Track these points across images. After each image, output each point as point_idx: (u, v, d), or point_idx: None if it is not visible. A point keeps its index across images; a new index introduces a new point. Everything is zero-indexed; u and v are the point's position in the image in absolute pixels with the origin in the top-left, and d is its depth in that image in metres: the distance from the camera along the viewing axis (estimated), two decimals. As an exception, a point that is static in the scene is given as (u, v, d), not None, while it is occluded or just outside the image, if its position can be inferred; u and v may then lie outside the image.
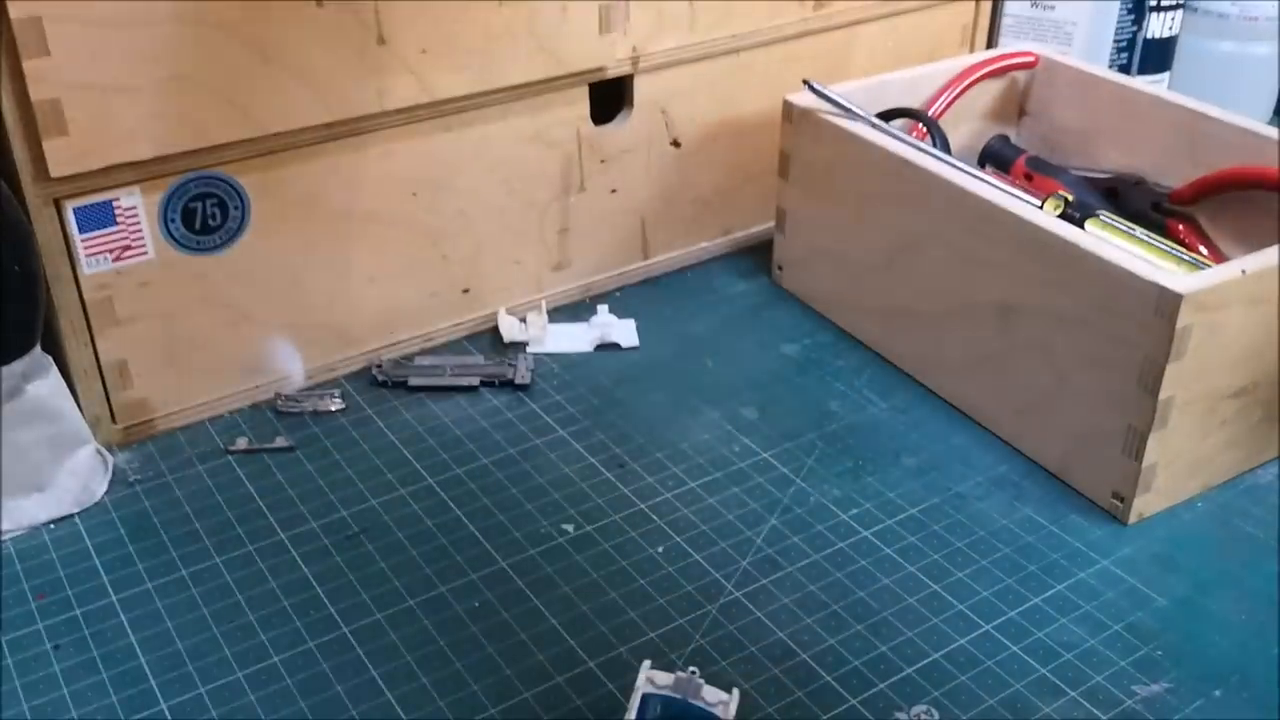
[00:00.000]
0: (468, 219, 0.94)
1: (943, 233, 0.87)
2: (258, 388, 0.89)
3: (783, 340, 0.98)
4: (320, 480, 0.82)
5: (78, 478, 0.79)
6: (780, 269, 1.05)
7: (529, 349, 0.96)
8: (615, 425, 0.88)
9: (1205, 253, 0.91)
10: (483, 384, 0.92)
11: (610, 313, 1.00)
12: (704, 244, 1.08)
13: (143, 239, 0.80)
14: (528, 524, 0.78)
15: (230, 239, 0.84)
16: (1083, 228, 0.84)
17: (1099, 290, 0.76)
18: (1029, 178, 1.00)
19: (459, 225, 0.93)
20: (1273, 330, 0.77)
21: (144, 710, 0.65)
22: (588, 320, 0.99)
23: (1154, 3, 1.16)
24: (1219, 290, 0.73)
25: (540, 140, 0.94)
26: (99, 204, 0.78)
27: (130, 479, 0.82)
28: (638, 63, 0.96)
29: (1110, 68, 1.17)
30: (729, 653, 0.69)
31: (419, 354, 0.95)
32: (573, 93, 0.94)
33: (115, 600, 0.72)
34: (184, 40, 0.76)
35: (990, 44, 1.18)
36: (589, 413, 0.89)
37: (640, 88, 0.98)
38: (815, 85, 0.95)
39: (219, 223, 0.83)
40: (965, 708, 0.65)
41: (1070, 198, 0.87)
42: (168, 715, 0.65)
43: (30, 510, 0.78)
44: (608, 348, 0.97)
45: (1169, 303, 0.72)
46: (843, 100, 0.94)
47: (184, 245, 0.82)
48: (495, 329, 0.97)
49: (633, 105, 0.98)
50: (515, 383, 0.91)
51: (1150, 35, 1.17)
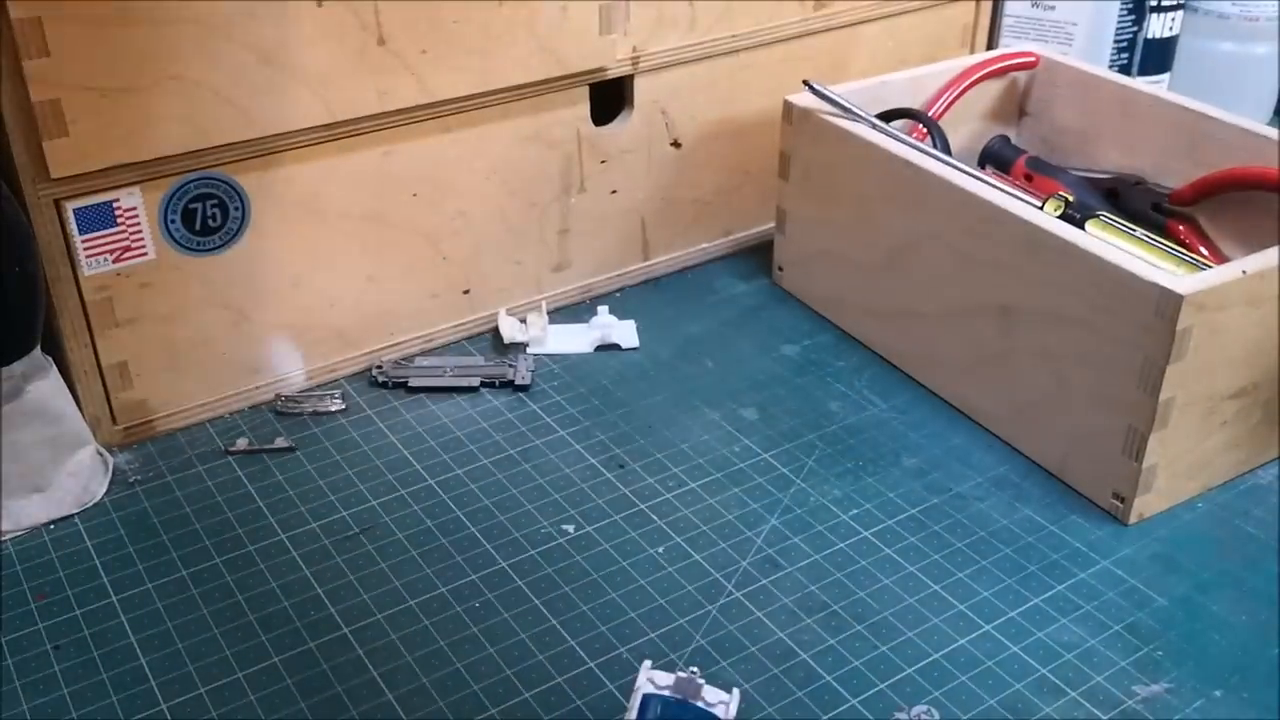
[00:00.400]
0: (468, 219, 0.94)
1: (943, 233, 0.87)
2: (258, 388, 0.89)
3: (783, 341, 0.98)
4: (320, 481, 0.82)
5: (78, 478, 0.79)
6: (780, 269, 1.05)
7: (529, 350, 0.96)
8: (615, 426, 0.88)
9: (1205, 253, 0.91)
10: (483, 385, 0.92)
11: (610, 313, 0.99)
12: (704, 245, 1.08)
13: (143, 240, 0.80)
14: (528, 524, 0.78)
15: (230, 239, 0.84)
16: (1083, 228, 0.84)
17: (1099, 291, 0.76)
18: (1029, 178, 1.00)
19: (459, 226, 0.93)
20: (1273, 331, 0.77)
21: (144, 710, 0.65)
22: (588, 321, 0.99)
23: (1154, 3, 1.16)
24: (1219, 291, 0.73)
25: (540, 141, 0.94)
26: (99, 204, 0.78)
27: (130, 480, 0.82)
28: (638, 63, 0.96)
29: (1110, 68, 1.17)
30: (729, 653, 0.69)
31: (419, 355, 0.95)
32: (573, 93, 0.94)
33: (115, 601, 0.72)
34: (184, 40, 0.76)
35: (990, 44, 1.18)
36: (589, 413, 0.89)
37: (640, 88, 0.98)
38: (815, 85, 0.95)
39: (219, 223, 0.83)
40: (965, 708, 0.65)
41: (1070, 198, 0.87)
42: (168, 715, 0.65)
43: (30, 511, 0.78)
44: (608, 348, 0.97)
45: (1169, 303, 0.72)
46: (843, 101, 0.94)
47: (184, 246, 0.82)
48: (495, 330, 0.97)
49: (633, 105, 0.98)
50: (515, 383, 0.91)
51: (1150, 35, 1.17)
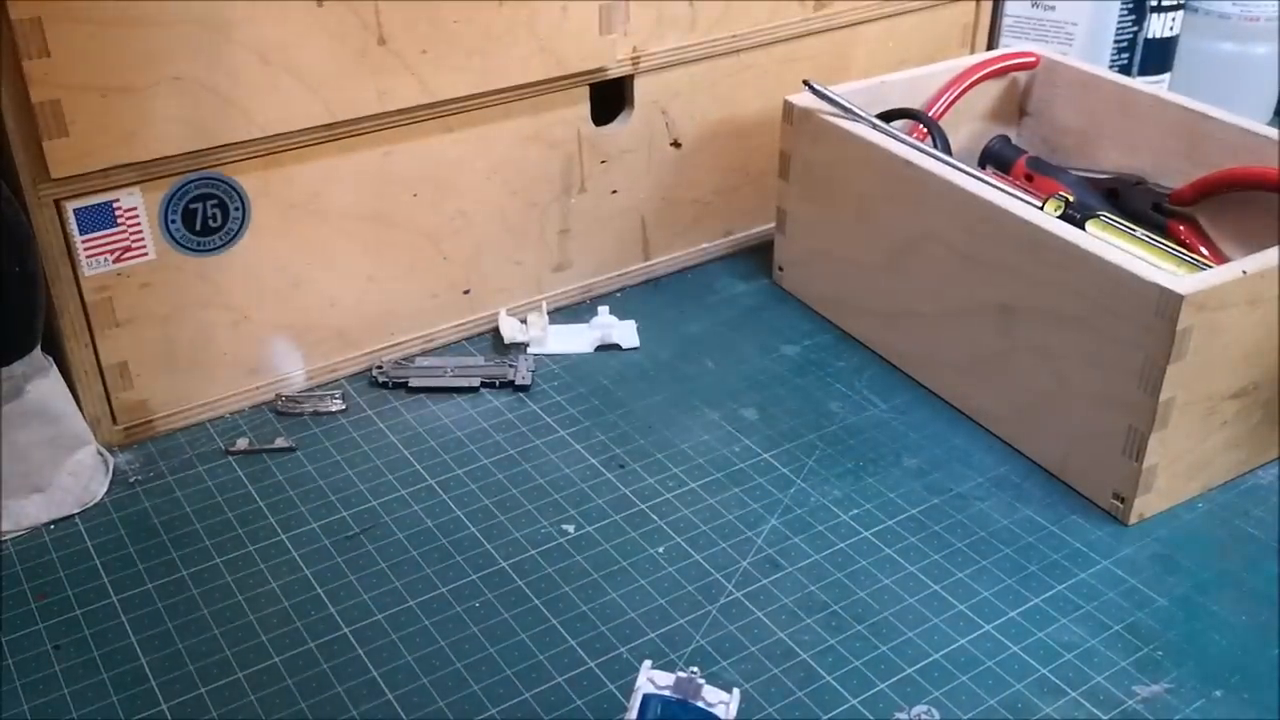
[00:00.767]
0: (468, 219, 0.94)
1: (943, 233, 0.87)
2: (258, 388, 0.89)
3: (783, 341, 0.98)
4: (320, 481, 0.82)
5: (78, 478, 0.79)
6: (781, 269, 1.05)
7: (529, 350, 0.96)
8: (616, 426, 0.88)
9: (1206, 253, 0.91)
10: (483, 385, 0.92)
11: (611, 314, 0.99)
12: (704, 245, 1.08)
13: (143, 240, 0.80)
14: (528, 524, 0.78)
15: (230, 239, 0.84)
16: (1083, 228, 0.84)
17: (1099, 291, 0.76)
18: (1029, 178, 1.00)
19: (459, 226, 0.93)
20: (1273, 331, 0.77)
21: (144, 711, 0.65)
22: (588, 321, 0.99)
23: (1154, 3, 1.16)
24: (1219, 291, 0.73)
25: (541, 141, 0.94)
26: (99, 205, 0.78)
27: (131, 479, 0.82)
28: (638, 63, 0.96)
29: (1111, 68, 1.17)
30: (729, 653, 0.69)
31: (419, 355, 0.95)
32: (573, 93, 0.94)
33: (116, 601, 0.72)
34: (184, 40, 0.76)
35: (991, 44, 1.18)
36: (589, 413, 0.89)
37: (641, 88, 0.98)
38: (815, 86, 0.95)
39: (219, 223, 0.83)
40: (965, 708, 0.65)
41: (1071, 198, 0.87)
42: (168, 715, 0.65)
43: (31, 511, 0.78)
44: (608, 349, 0.97)
45: (1170, 303, 0.71)
46: (843, 101, 0.94)
47: (184, 246, 0.82)
48: (496, 330, 0.97)
49: (633, 105, 0.98)
50: (516, 383, 0.91)
51: (1151, 35, 1.17)
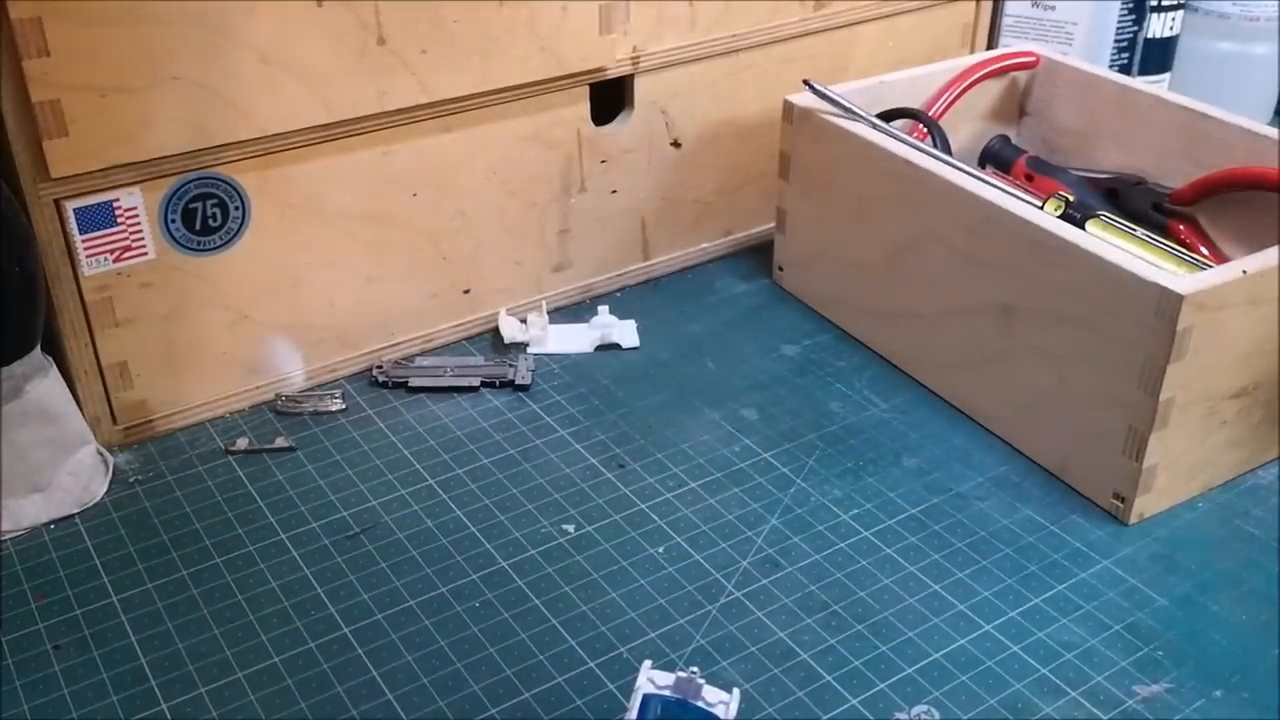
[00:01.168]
0: (468, 219, 0.94)
1: (943, 233, 0.87)
2: (258, 388, 0.89)
3: (783, 341, 0.98)
4: (320, 480, 0.82)
5: (78, 478, 0.79)
6: (781, 269, 1.05)
7: (529, 350, 0.96)
8: (616, 425, 0.88)
9: (1206, 253, 0.91)
10: (483, 384, 0.92)
11: (611, 313, 0.99)
12: (704, 245, 1.08)
13: (143, 239, 0.80)
14: (528, 524, 0.78)
15: (230, 239, 0.84)
16: (1083, 228, 0.84)
17: (1100, 291, 0.76)
18: (1029, 178, 1.00)
19: (459, 226, 0.93)
20: (1273, 330, 0.77)
21: (144, 710, 0.65)
22: (588, 321, 0.99)
23: (1155, 3, 1.16)
24: (1220, 291, 0.73)
25: (540, 140, 0.94)
26: (99, 204, 0.78)
27: (130, 479, 0.82)
28: (638, 63, 0.96)
29: (1111, 68, 1.17)
30: (729, 653, 0.69)
31: (419, 355, 0.95)
32: (573, 93, 0.94)
33: (115, 600, 0.72)
34: (184, 40, 0.76)
35: (991, 44, 1.18)
36: (589, 413, 0.89)
37: (640, 88, 0.98)
38: (815, 85, 0.95)
39: (219, 223, 0.83)
40: (965, 708, 0.65)
41: (1071, 198, 0.87)
42: (168, 715, 0.65)
43: (31, 511, 0.78)
44: (608, 348, 0.97)
45: (1170, 303, 0.71)
46: (843, 100, 0.94)
47: (184, 246, 0.82)
48: (496, 330, 0.97)
49: (633, 105, 0.98)
50: (516, 383, 0.91)
51: (1151, 35, 1.17)
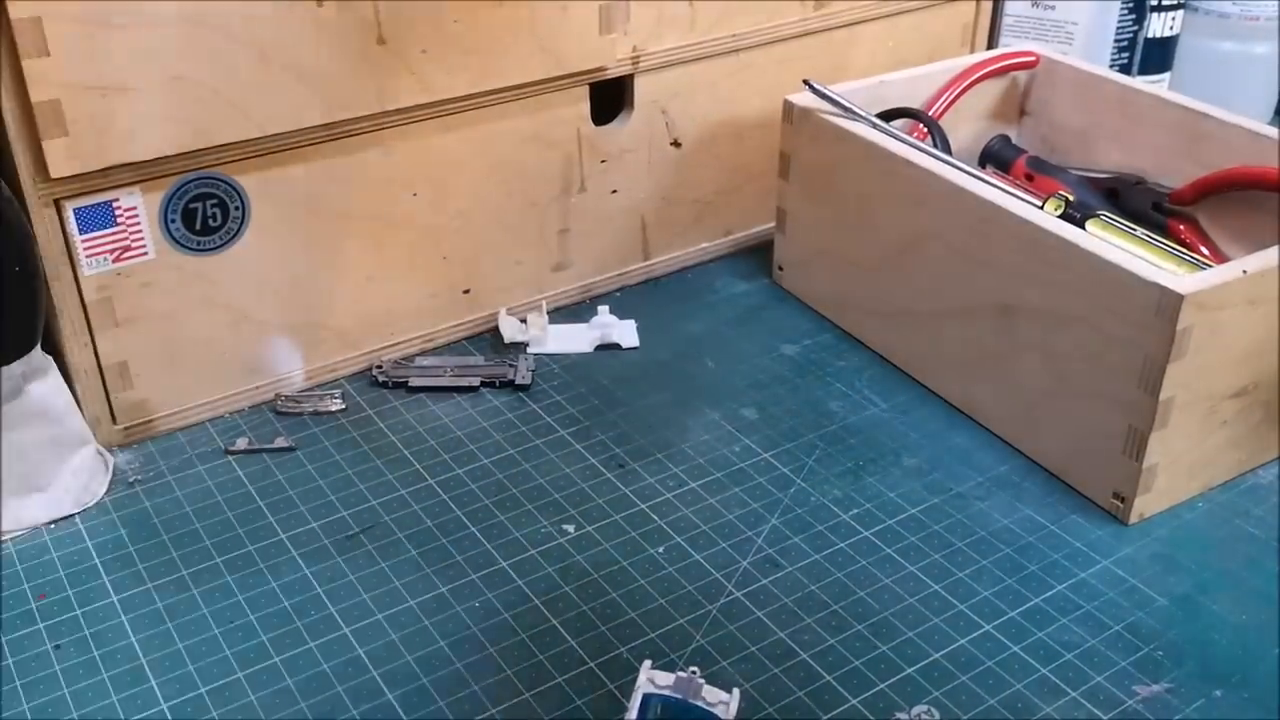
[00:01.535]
0: (468, 219, 0.94)
1: (943, 233, 0.87)
2: (258, 388, 0.89)
3: (783, 340, 0.98)
4: (320, 480, 0.82)
5: (78, 478, 0.79)
6: (780, 269, 1.05)
7: (529, 349, 0.96)
8: (616, 425, 0.88)
9: (1206, 253, 0.91)
10: (483, 384, 0.92)
11: (611, 313, 0.99)
12: (704, 244, 1.08)
13: (143, 239, 0.80)
14: (528, 524, 0.78)
15: (230, 239, 0.84)
16: (1083, 228, 0.84)
17: (1100, 290, 0.76)
18: (1030, 178, 1.00)
19: (459, 225, 0.93)
20: (1273, 330, 0.77)
21: (144, 710, 0.65)
22: (588, 321, 0.99)
23: (1155, 2, 1.16)
24: (1220, 290, 0.73)
25: (540, 140, 0.94)
26: (99, 204, 0.78)
27: (131, 479, 0.82)
28: (638, 62, 0.96)
29: (1111, 68, 1.17)
30: (729, 653, 0.69)
31: (419, 354, 0.95)
32: (573, 92, 0.94)
33: (116, 600, 0.72)
34: (184, 40, 0.76)
35: (991, 44, 1.18)
36: (589, 413, 0.89)
37: (640, 88, 0.98)
38: (815, 85, 0.95)
39: (219, 223, 0.83)
40: (965, 708, 0.65)
41: (1071, 198, 0.87)
42: (168, 715, 0.65)
43: (31, 510, 0.78)
44: (608, 348, 0.97)
45: (1170, 303, 0.71)
46: (843, 100, 0.94)
47: (184, 246, 0.82)
48: (496, 329, 0.97)
49: (633, 105, 0.98)
50: (516, 383, 0.91)
51: (1151, 35, 1.17)
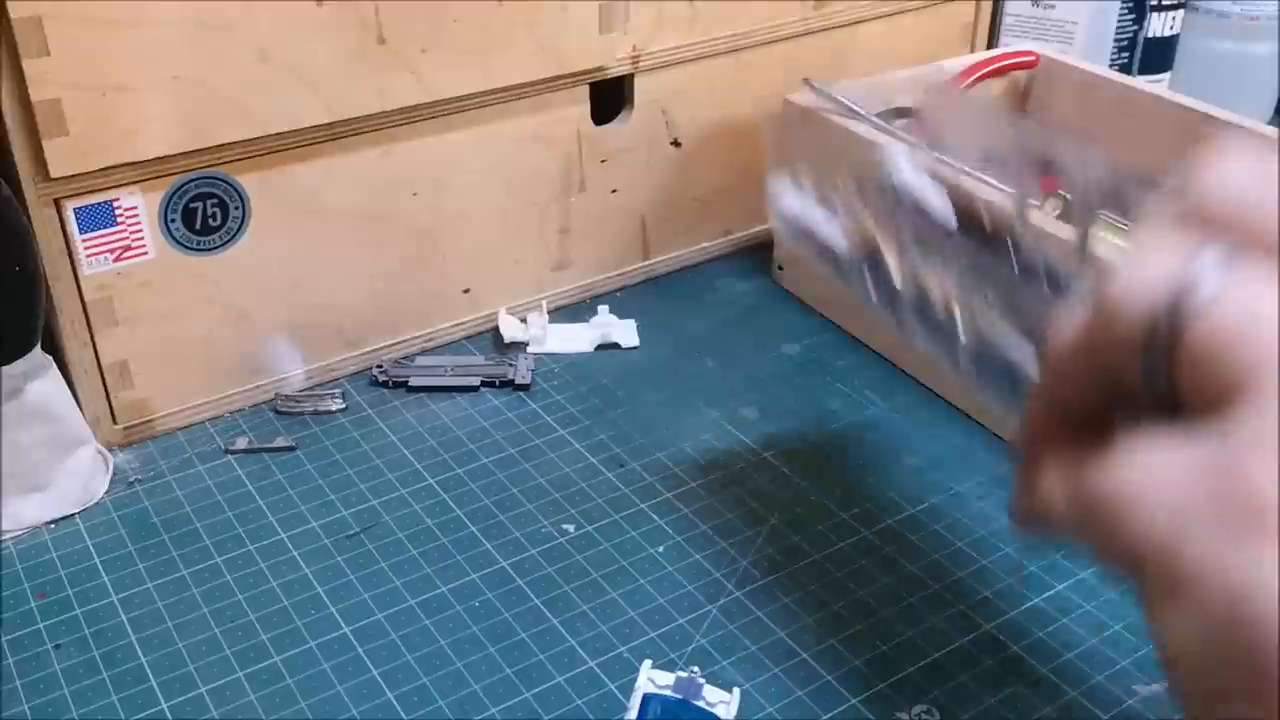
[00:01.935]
0: (468, 219, 0.94)
1: (943, 232, 0.87)
2: (258, 387, 0.89)
3: (783, 340, 0.98)
4: (320, 480, 0.82)
5: (78, 478, 0.79)
6: (781, 269, 1.05)
7: (529, 349, 0.96)
8: (616, 425, 0.88)
9: (1206, 252, 0.91)
10: (483, 384, 0.92)
11: (611, 313, 0.99)
12: (705, 244, 1.08)
13: (143, 239, 0.80)
14: (528, 524, 0.78)
15: (230, 239, 0.84)
16: (1083, 227, 0.84)
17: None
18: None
19: (459, 225, 0.93)
20: (1274, 329, 0.77)
21: (144, 710, 0.65)
22: (588, 320, 0.99)
23: (1155, 2, 1.16)
24: (1220, 289, 0.72)
25: (540, 140, 0.94)
26: (99, 204, 0.78)
27: (131, 479, 0.82)
28: (638, 62, 0.96)
29: (1111, 67, 1.17)
30: (730, 652, 0.69)
31: (419, 354, 0.95)
32: (573, 92, 0.94)
33: (116, 600, 0.72)
34: (184, 40, 0.76)
35: (991, 43, 1.18)
36: (589, 413, 0.89)
37: (641, 87, 0.98)
38: (816, 84, 0.95)
39: (219, 223, 0.83)
40: (965, 707, 0.65)
41: (1070, 197, 0.87)
42: (168, 714, 0.65)
43: (31, 510, 0.78)
44: (608, 348, 0.97)
45: (1170, 302, 0.71)
46: (844, 100, 0.94)
47: (184, 245, 0.82)
48: (496, 329, 0.97)
49: (633, 105, 0.98)
50: (516, 383, 0.91)
51: (1151, 35, 1.17)
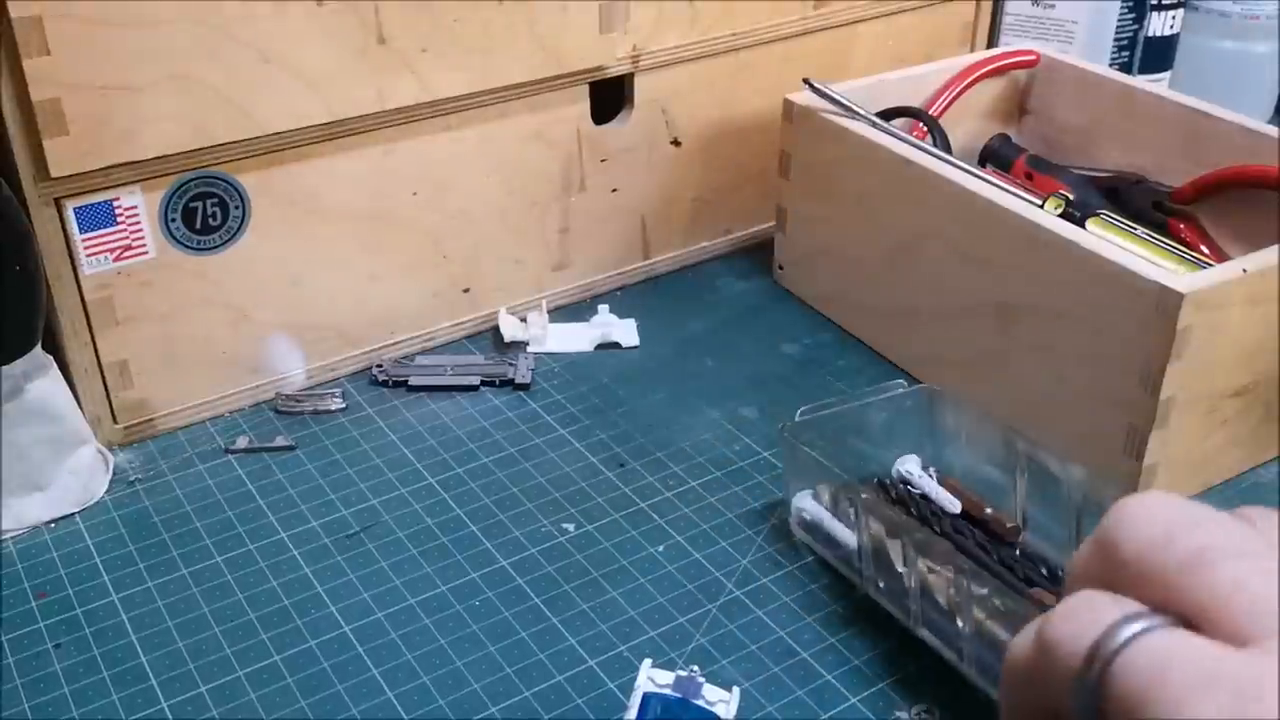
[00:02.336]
0: (468, 219, 0.94)
1: (943, 232, 0.87)
2: (258, 387, 0.89)
3: (783, 340, 0.98)
4: (320, 479, 0.82)
5: (78, 477, 0.79)
6: (781, 268, 1.05)
7: (529, 348, 0.96)
8: (616, 424, 0.88)
9: (1206, 252, 0.91)
10: (483, 383, 0.92)
11: (611, 312, 0.99)
12: (704, 243, 1.08)
13: (143, 239, 0.80)
14: (528, 523, 0.78)
15: (230, 239, 0.84)
16: (1084, 227, 0.84)
17: (1100, 289, 0.76)
18: (1030, 177, 1.00)
19: (459, 225, 0.93)
20: (1274, 329, 0.77)
21: (144, 709, 0.65)
22: (588, 320, 0.99)
23: (1155, 1, 1.16)
24: (1220, 289, 0.73)
25: (541, 140, 0.94)
26: (99, 204, 0.78)
27: (131, 478, 0.82)
28: (638, 61, 0.96)
29: (1111, 66, 1.17)
30: (729, 651, 0.69)
31: (419, 353, 0.95)
32: (573, 91, 0.94)
33: (116, 599, 0.72)
34: (184, 39, 0.76)
35: (991, 43, 1.18)
36: (589, 412, 0.89)
37: (641, 87, 0.98)
38: (816, 84, 0.95)
39: (219, 222, 0.83)
40: (965, 707, 0.65)
41: (1071, 197, 0.87)
42: (168, 714, 0.65)
43: (31, 510, 0.78)
44: (608, 347, 0.97)
45: (1170, 302, 0.71)
46: (843, 99, 0.94)
47: (184, 245, 0.82)
48: (496, 329, 0.97)
49: (633, 104, 0.98)
50: (516, 382, 0.91)
51: (1151, 34, 1.17)
